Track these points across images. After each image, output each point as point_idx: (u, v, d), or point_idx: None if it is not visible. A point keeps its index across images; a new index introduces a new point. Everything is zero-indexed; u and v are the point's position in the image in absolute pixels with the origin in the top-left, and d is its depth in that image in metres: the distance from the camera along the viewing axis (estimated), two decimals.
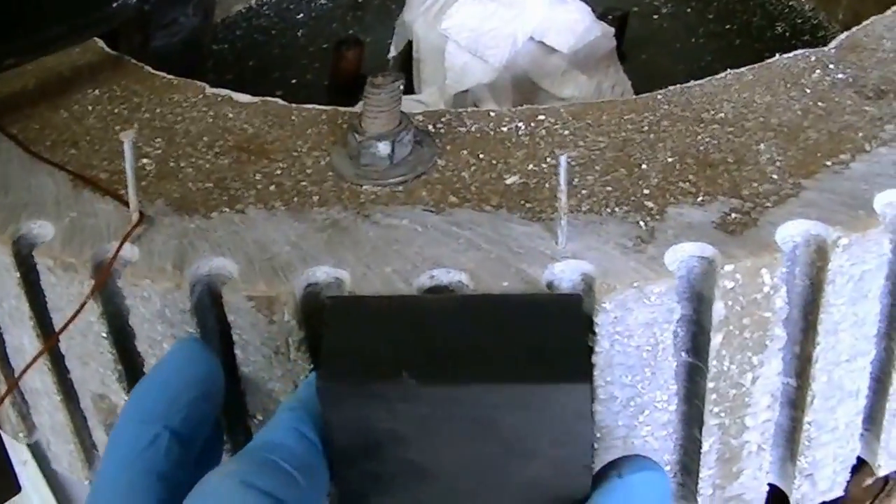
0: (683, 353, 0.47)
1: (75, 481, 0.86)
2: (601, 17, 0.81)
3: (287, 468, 0.38)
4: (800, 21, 0.88)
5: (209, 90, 0.57)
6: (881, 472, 0.54)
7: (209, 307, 0.46)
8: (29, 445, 0.80)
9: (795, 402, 0.49)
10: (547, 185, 0.48)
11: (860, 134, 0.50)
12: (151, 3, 0.65)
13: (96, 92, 0.58)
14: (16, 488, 0.67)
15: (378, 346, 0.39)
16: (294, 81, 0.88)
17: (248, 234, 0.47)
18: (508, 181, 0.49)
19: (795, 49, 0.56)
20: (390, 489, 0.40)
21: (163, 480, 0.40)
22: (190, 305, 0.45)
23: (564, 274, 0.44)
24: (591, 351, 0.44)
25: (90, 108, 0.57)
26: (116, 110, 0.56)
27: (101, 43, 0.61)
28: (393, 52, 0.84)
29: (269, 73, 0.88)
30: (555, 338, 0.39)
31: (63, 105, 0.57)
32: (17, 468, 0.78)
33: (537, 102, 0.72)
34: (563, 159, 0.43)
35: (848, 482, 0.53)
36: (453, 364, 0.38)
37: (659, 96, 0.53)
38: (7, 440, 0.62)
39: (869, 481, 0.93)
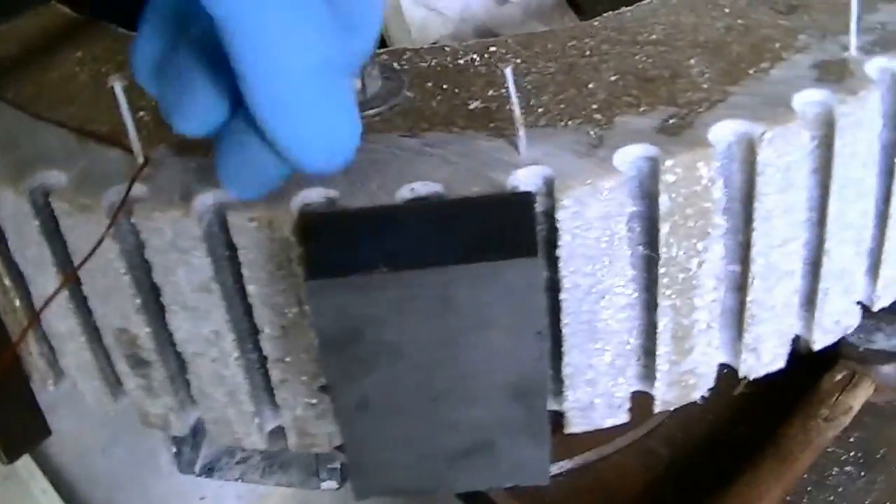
0: (640, 247, 0.53)
1: None
2: None
3: None
4: None
5: None
6: (816, 347, 0.60)
7: (217, 234, 0.52)
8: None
9: (740, 285, 0.56)
10: (507, 107, 0.54)
11: (777, 45, 0.56)
12: None
13: (79, 54, 0.62)
14: (47, 431, 0.72)
15: (355, 245, 0.46)
16: None
17: None
18: (472, 106, 0.55)
19: None
20: (370, 369, 0.47)
21: None
22: (200, 232, 0.51)
23: (527, 178, 0.50)
24: (549, 241, 0.50)
25: (77, 69, 0.61)
26: (103, 69, 0.61)
27: (65, 8, 0.66)
28: None
29: None
30: (507, 225, 0.46)
31: (51, 68, 0.61)
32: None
33: None
34: (508, 72, 0.49)
35: (797, 365, 0.59)
36: (419, 252, 0.45)
37: (596, 23, 0.59)
38: None
39: (839, 376, 1.01)
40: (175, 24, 0.45)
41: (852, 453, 1.00)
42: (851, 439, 1.01)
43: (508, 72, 0.49)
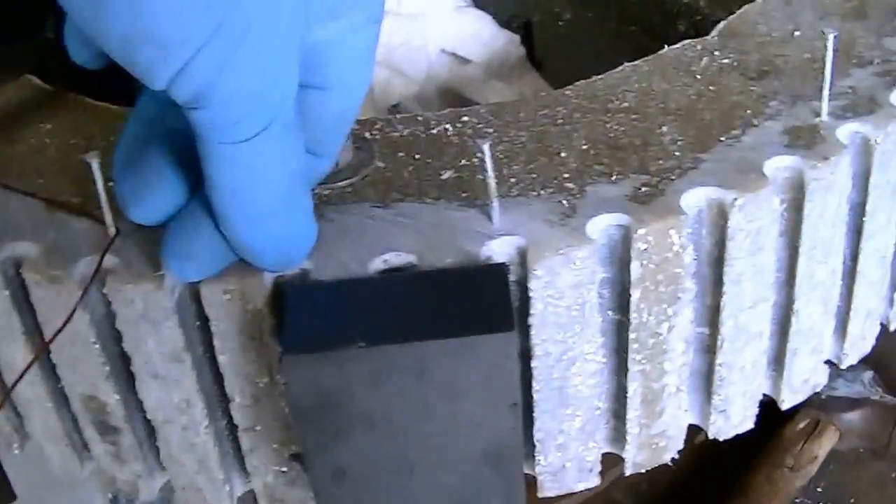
0: (610, 312, 0.53)
1: None
2: (505, 25, 0.87)
3: None
4: (699, 18, 0.93)
5: None
6: (784, 406, 0.61)
7: (189, 305, 0.51)
8: None
9: (708, 347, 0.56)
10: (479, 177, 0.54)
11: (748, 111, 0.57)
12: None
13: (48, 126, 0.61)
14: (11, 496, 0.71)
15: (330, 319, 0.46)
16: None
17: None
18: (444, 176, 0.55)
19: None
20: (345, 439, 0.47)
21: None
22: (172, 304, 0.50)
23: (500, 248, 0.50)
24: (521, 310, 0.51)
25: (47, 140, 0.60)
26: (73, 141, 0.60)
27: (36, 80, 0.65)
28: None
29: None
30: (482, 298, 0.46)
31: (19, 140, 0.61)
32: None
33: None
34: (486, 147, 0.50)
35: (771, 421, 0.60)
36: (395, 326, 0.45)
37: (567, 91, 0.60)
38: None
39: (802, 425, 1.02)
40: (153, 124, 0.49)
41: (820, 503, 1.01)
42: (819, 489, 1.02)
43: (486, 148, 0.49)
